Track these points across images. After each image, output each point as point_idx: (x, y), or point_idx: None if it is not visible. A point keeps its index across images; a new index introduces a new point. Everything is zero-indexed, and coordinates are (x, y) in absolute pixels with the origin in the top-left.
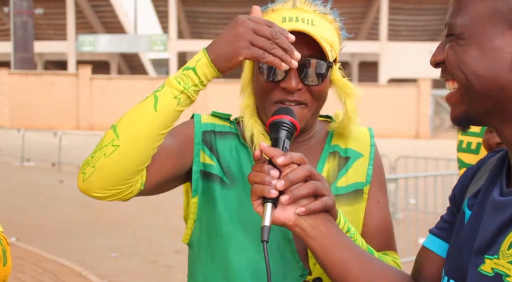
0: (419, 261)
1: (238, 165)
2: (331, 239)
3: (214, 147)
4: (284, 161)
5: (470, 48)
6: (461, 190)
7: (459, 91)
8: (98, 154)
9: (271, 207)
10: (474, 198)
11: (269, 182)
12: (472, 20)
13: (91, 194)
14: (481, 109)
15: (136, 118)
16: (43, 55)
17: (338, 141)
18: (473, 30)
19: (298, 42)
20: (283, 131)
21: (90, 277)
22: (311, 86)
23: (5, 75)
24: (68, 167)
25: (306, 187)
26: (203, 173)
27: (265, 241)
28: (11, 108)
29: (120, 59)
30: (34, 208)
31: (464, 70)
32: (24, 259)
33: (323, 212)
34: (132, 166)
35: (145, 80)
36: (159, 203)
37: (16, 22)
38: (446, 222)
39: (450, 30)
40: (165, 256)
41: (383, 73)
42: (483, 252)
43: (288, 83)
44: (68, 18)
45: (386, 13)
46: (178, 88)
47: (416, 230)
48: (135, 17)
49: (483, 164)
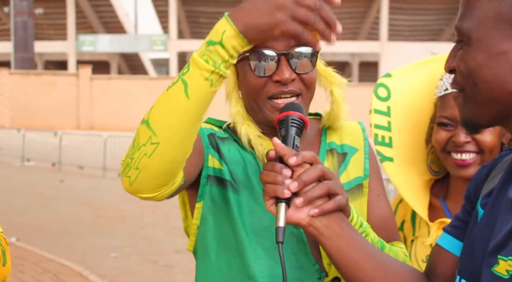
0: (432, 259)
1: (243, 169)
2: (345, 238)
3: (220, 151)
4: (296, 161)
5: (477, 53)
6: (476, 188)
7: (464, 95)
8: (138, 155)
9: (285, 207)
10: (488, 197)
11: (282, 182)
12: (478, 24)
13: (141, 196)
14: (489, 115)
15: (168, 109)
16: (43, 55)
17: (333, 138)
18: (479, 35)
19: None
20: (293, 127)
21: (90, 277)
22: (303, 75)
23: (5, 75)
24: (69, 167)
25: (320, 188)
26: (212, 178)
27: (280, 242)
28: (11, 108)
29: (120, 59)
30: (34, 208)
31: (473, 78)
32: (24, 259)
33: (336, 211)
34: (177, 160)
35: (146, 80)
36: (159, 202)
37: (16, 22)
38: (460, 221)
39: (458, 34)
40: (165, 256)
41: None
42: (496, 252)
43: (281, 75)
44: (69, 18)
45: (386, 13)
46: (208, 69)
47: None
48: (135, 17)
49: (498, 161)
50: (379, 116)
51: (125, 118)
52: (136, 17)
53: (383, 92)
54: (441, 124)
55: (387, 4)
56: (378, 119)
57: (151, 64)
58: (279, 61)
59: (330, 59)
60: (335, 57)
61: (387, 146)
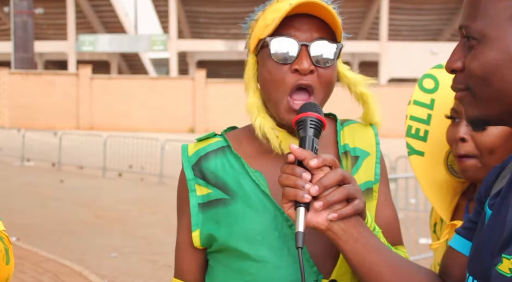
0: (445, 260)
1: (234, 178)
2: (363, 242)
3: (206, 174)
4: (317, 164)
5: (495, 53)
6: (486, 189)
7: (472, 94)
8: None
9: (304, 211)
10: (495, 198)
11: (302, 186)
12: (494, 23)
13: None
14: (499, 112)
15: None
16: (43, 55)
17: (346, 140)
18: (496, 34)
19: (308, 24)
20: (311, 129)
21: (90, 277)
22: (321, 70)
23: (5, 75)
24: (68, 167)
25: (340, 192)
26: (202, 205)
27: (299, 248)
28: (11, 108)
29: (120, 59)
30: (34, 208)
31: (488, 77)
32: (25, 259)
33: (354, 215)
34: None
35: (146, 80)
36: (159, 203)
37: (16, 22)
38: (472, 222)
39: (469, 33)
40: (165, 256)
41: (383, 73)
42: (500, 251)
43: (300, 64)
44: (68, 18)
45: (386, 13)
46: None
47: (416, 230)
48: (135, 17)
49: (509, 162)
50: (419, 108)
51: (125, 118)
52: (136, 17)
53: (429, 84)
54: (449, 118)
55: (387, 4)
56: (417, 111)
57: (151, 64)
58: (300, 51)
59: None
60: None
61: (420, 140)
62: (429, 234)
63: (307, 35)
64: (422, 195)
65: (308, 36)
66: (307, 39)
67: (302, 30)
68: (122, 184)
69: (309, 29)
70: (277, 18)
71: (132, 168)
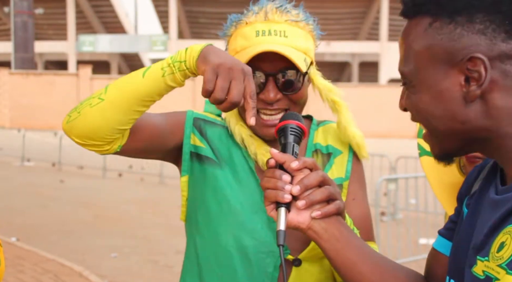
0: (429, 262)
1: (227, 149)
2: (344, 241)
3: (204, 131)
4: (298, 166)
5: (422, 94)
6: (466, 189)
7: (428, 134)
8: (86, 103)
9: (285, 211)
10: (472, 198)
11: (282, 187)
12: (416, 66)
13: (72, 137)
14: (455, 145)
15: (125, 80)
16: (44, 55)
17: (319, 139)
18: (419, 77)
19: (273, 56)
20: (291, 136)
21: (91, 277)
22: (289, 94)
23: (6, 75)
24: (68, 167)
25: (321, 192)
26: (193, 155)
27: (281, 245)
28: (12, 108)
29: (120, 59)
30: (34, 208)
31: (425, 117)
32: (25, 259)
33: (335, 215)
34: (109, 124)
35: None
36: (159, 203)
37: (16, 22)
38: (453, 222)
39: (402, 76)
40: (165, 256)
41: (383, 73)
42: (476, 253)
43: (266, 95)
44: (69, 18)
45: (386, 13)
46: (167, 60)
47: (416, 230)
48: (135, 17)
49: (488, 162)
50: None
51: None
52: (136, 17)
53: None
54: None
55: (387, 4)
56: None
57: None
58: (266, 82)
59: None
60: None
61: None
62: (429, 234)
63: (273, 64)
64: (422, 195)
65: (274, 65)
66: (273, 68)
67: (268, 60)
68: (122, 184)
69: (273, 59)
70: (246, 49)
71: (132, 168)
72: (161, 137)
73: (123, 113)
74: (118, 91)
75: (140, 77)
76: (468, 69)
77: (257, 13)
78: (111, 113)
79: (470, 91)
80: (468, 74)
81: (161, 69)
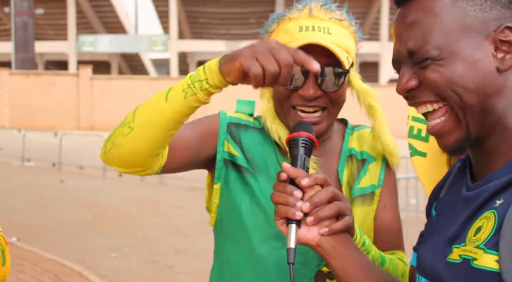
0: (410, 279)
1: (262, 157)
2: (350, 259)
3: (238, 138)
4: (309, 183)
5: (455, 67)
6: (435, 194)
7: (453, 115)
8: (117, 132)
9: (295, 228)
10: (440, 201)
11: (293, 204)
12: (446, 39)
13: (112, 166)
14: (476, 127)
15: (150, 105)
16: (44, 55)
17: (354, 144)
18: (450, 49)
19: (316, 51)
20: (302, 148)
21: (91, 277)
22: (329, 92)
23: (6, 75)
24: (69, 167)
25: (330, 208)
26: (227, 162)
27: (291, 264)
28: (12, 108)
29: (120, 59)
30: (35, 208)
31: (457, 90)
32: (25, 259)
33: (344, 231)
34: (144, 151)
35: (146, 80)
36: (159, 203)
37: (16, 22)
38: (423, 236)
39: (423, 55)
40: (165, 256)
41: (383, 73)
42: (450, 244)
43: (306, 91)
44: (69, 18)
45: (386, 13)
46: (186, 81)
47: (417, 231)
48: (135, 17)
49: (453, 169)
50: None
51: None
52: (136, 17)
53: None
54: None
55: (387, 4)
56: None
57: (151, 64)
58: (307, 78)
59: None
60: None
61: (422, 140)
62: None
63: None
64: (423, 196)
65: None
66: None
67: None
68: (122, 184)
69: (317, 55)
70: (288, 44)
71: None
72: (197, 150)
73: (155, 140)
74: (146, 119)
75: (163, 102)
76: (500, 40)
77: (301, 10)
78: (143, 141)
79: (505, 59)
80: (499, 45)
81: (183, 91)
